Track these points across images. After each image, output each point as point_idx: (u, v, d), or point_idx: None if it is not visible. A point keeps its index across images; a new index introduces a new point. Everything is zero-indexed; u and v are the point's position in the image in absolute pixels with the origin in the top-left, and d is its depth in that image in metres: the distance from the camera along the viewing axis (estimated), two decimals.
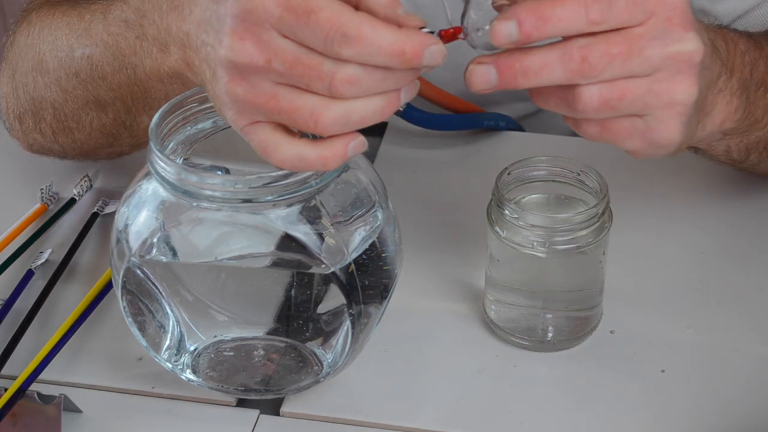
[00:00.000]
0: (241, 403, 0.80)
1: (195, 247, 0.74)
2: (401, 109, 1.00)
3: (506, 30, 0.65)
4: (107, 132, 0.87)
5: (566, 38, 0.66)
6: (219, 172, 0.78)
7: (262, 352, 0.79)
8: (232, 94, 0.66)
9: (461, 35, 0.68)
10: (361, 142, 0.67)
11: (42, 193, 0.97)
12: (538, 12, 0.65)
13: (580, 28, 0.66)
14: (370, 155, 1.03)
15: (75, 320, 0.83)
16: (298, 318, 0.77)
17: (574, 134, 1.11)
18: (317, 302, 0.76)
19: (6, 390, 0.77)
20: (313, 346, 0.78)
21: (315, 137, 0.67)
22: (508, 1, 0.67)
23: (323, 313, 0.76)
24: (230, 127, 0.76)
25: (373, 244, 0.74)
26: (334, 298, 0.74)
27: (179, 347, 0.78)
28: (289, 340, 0.78)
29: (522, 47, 0.66)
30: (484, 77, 0.67)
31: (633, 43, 0.66)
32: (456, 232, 0.93)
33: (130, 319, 0.77)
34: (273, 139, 0.67)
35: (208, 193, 0.70)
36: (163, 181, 0.71)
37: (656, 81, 0.67)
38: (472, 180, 0.98)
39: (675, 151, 0.72)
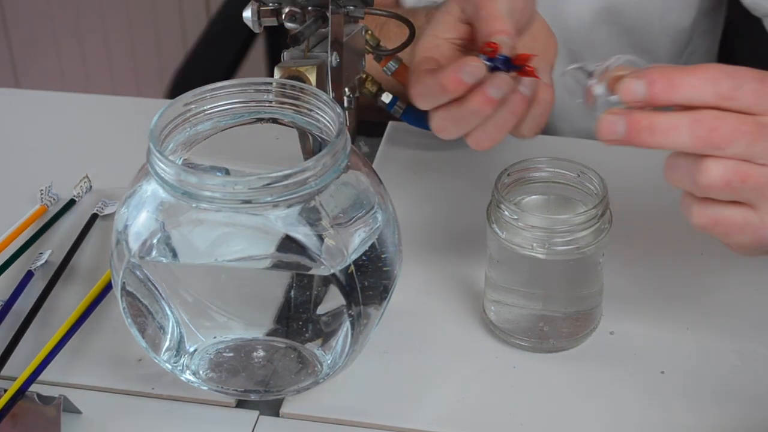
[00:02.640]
0: (241, 404, 0.80)
1: (195, 248, 0.74)
2: (400, 110, 1.01)
3: (635, 87, 0.68)
4: None
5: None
6: (219, 173, 0.78)
7: (261, 353, 0.79)
8: None
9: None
10: None
11: (42, 194, 0.97)
12: (670, 77, 0.68)
13: (706, 99, 0.68)
14: (370, 156, 1.03)
15: (75, 321, 0.83)
16: (298, 319, 0.77)
17: (574, 135, 1.12)
18: (317, 303, 0.76)
19: (6, 391, 0.77)
20: (313, 347, 0.78)
21: None
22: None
23: (323, 314, 0.76)
24: (230, 128, 0.76)
25: (372, 245, 0.74)
26: (333, 299, 0.74)
27: (179, 348, 0.78)
28: (288, 341, 0.78)
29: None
30: (612, 126, 0.69)
31: (761, 128, 0.67)
32: (455, 233, 0.93)
33: (129, 320, 0.77)
34: None
35: (208, 194, 0.70)
36: (163, 182, 0.71)
37: None
38: (471, 181, 0.98)
39: None
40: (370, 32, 0.96)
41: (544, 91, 0.83)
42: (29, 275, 0.89)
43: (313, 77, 0.88)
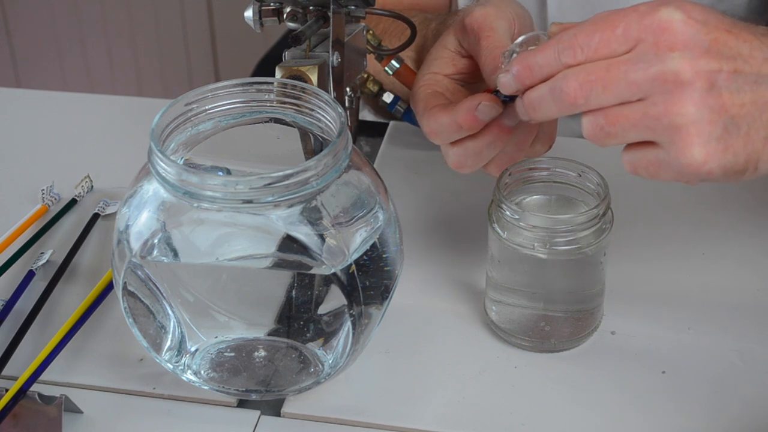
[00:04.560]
0: (242, 403, 0.80)
1: (196, 247, 0.74)
2: (401, 110, 1.01)
3: (507, 81, 0.72)
4: None
5: None
6: (220, 173, 0.78)
7: (263, 353, 0.79)
8: None
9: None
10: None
11: (43, 193, 0.97)
12: (526, 61, 0.71)
13: (557, 70, 0.70)
14: (371, 156, 1.03)
15: (76, 321, 0.83)
16: (299, 319, 0.77)
17: (575, 135, 1.11)
18: (318, 303, 0.76)
19: (7, 390, 0.77)
20: (314, 346, 0.78)
21: None
22: None
23: (324, 314, 0.76)
24: (231, 127, 0.76)
25: (374, 245, 0.74)
26: (334, 299, 0.74)
27: (180, 348, 0.78)
28: (290, 341, 0.79)
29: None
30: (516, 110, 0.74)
31: (613, 69, 0.68)
32: (457, 233, 0.93)
33: (131, 319, 0.77)
34: None
35: (209, 193, 0.70)
36: (164, 181, 0.71)
37: (651, 105, 0.67)
38: (472, 181, 0.98)
39: (733, 175, 0.69)
40: (371, 32, 0.96)
41: None
42: (30, 275, 0.89)
43: (314, 77, 0.88)
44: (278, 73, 0.88)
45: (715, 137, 0.67)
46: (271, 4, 0.91)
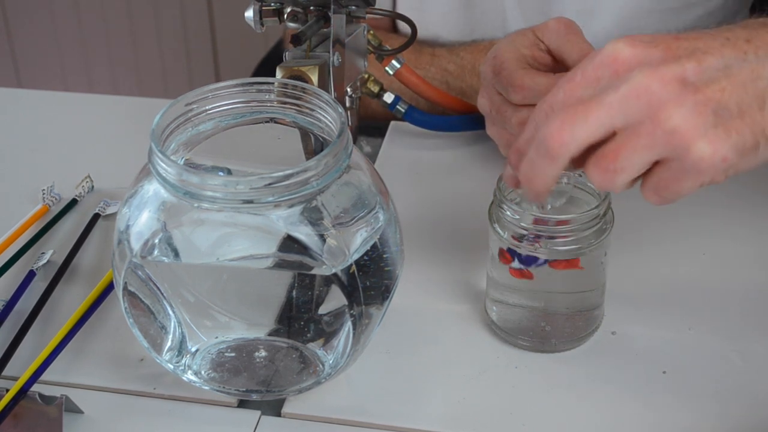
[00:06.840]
0: (243, 404, 0.80)
1: (196, 248, 0.74)
2: (403, 110, 1.01)
3: (509, 173, 0.74)
4: None
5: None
6: (220, 173, 0.78)
7: (263, 353, 0.79)
8: None
9: None
10: None
11: (43, 193, 0.97)
12: (513, 147, 0.73)
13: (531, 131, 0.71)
14: (372, 156, 1.03)
15: (77, 321, 0.83)
16: (300, 319, 0.77)
17: None
18: (318, 303, 0.76)
19: (8, 391, 0.77)
20: (315, 347, 0.78)
21: None
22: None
23: (324, 314, 0.76)
24: (232, 128, 0.76)
25: (374, 245, 0.74)
26: (335, 299, 0.74)
27: (181, 348, 0.78)
28: (290, 341, 0.79)
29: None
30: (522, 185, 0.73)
31: (586, 101, 0.68)
32: (457, 233, 0.93)
33: (131, 320, 0.77)
34: None
35: (210, 194, 0.70)
36: (165, 182, 0.71)
37: (638, 125, 0.67)
38: (473, 181, 0.98)
39: (749, 153, 0.68)
40: (371, 32, 0.96)
41: None
42: (31, 275, 0.89)
43: (315, 77, 0.88)
44: (279, 73, 0.88)
45: (711, 125, 0.67)
46: (272, 4, 0.91)
